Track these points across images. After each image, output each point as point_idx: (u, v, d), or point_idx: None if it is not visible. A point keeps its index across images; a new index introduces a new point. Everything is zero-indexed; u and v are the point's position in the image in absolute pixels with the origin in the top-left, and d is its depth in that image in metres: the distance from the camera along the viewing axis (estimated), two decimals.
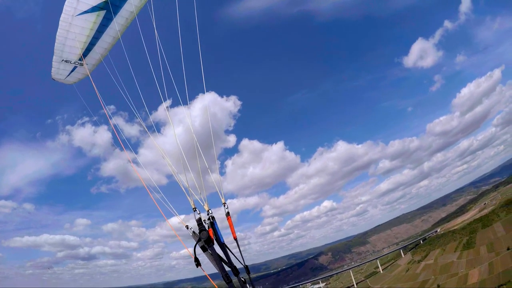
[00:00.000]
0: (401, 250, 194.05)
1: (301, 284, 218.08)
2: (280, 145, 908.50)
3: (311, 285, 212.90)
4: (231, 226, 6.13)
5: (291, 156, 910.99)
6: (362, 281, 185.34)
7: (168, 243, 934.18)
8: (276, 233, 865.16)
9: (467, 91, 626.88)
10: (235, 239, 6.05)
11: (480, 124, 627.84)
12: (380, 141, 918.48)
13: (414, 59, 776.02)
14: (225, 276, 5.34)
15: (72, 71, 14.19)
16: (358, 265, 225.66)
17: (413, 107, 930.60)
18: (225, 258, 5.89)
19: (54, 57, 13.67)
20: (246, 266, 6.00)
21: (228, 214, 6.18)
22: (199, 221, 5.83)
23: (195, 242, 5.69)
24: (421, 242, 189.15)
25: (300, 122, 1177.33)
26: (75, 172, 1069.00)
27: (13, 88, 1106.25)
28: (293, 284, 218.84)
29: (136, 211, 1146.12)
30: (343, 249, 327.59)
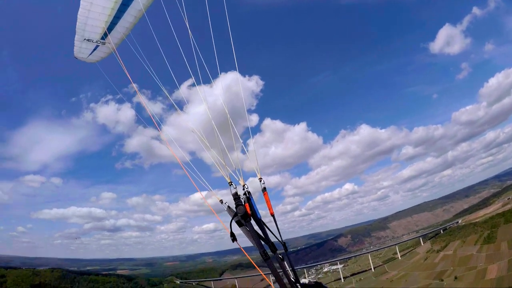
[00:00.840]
0: (421, 238, 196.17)
1: (319, 264, 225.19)
2: (302, 125, 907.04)
3: (329, 266, 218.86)
4: (267, 201, 6.01)
5: (313, 137, 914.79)
6: (379, 265, 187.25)
7: (191, 218, 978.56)
8: (296, 213, 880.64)
9: (495, 81, 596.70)
10: (272, 215, 5.94)
11: (508, 117, 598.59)
12: (404, 127, 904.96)
13: (440, 45, 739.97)
14: (263, 253, 5.14)
15: (94, 49, 14.56)
16: (376, 250, 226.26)
17: (439, 94, 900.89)
18: (261, 234, 5.78)
19: (76, 36, 14.08)
20: (284, 242, 5.85)
21: (264, 189, 6.07)
22: (235, 196, 5.69)
23: (231, 217, 5.60)
24: (441, 232, 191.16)
25: (323, 104, 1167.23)
26: (100, 148, 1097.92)
27: (37, 67, 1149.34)
28: (311, 263, 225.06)
29: (159, 186, 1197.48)
30: (362, 233, 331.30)
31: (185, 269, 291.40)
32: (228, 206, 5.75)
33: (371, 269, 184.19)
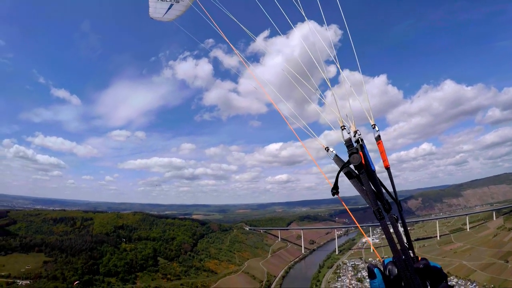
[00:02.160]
0: (494, 212, 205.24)
1: None
2: (382, 78, 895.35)
3: None
4: (382, 152, 5.24)
5: (393, 91, 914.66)
6: (446, 234, 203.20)
7: (265, 168, 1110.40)
8: None
9: None
10: (387, 168, 5.23)
11: None
12: (493, 86, 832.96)
13: None
14: (377, 211, 4.43)
15: (169, 8, 16.05)
16: (445, 217, 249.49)
17: None
18: (374, 189, 4.73)
19: None
20: (399, 201, 5.01)
21: (379, 137, 5.28)
22: (348, 142, 4.93)
23: (340, 167, 4.87)
24: None
25: (405, 55, 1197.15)
26: (180, 103, 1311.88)
27: (116, 33, 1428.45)
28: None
29: (236, 137, 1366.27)
30: (434, 197, 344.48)
31: (255, 217, 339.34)
32: (336, 155, 5.09)
33: (436, 236, 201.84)
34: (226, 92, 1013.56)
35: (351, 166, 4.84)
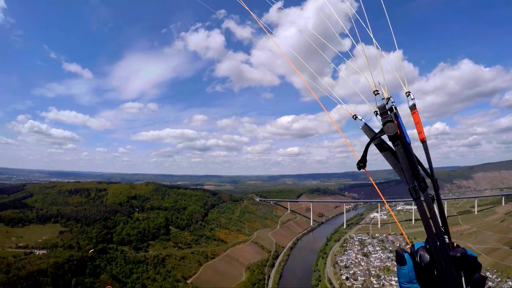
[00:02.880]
0: (503, 197, 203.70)
1: (394, 201, 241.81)
2: (398, 53, 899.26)
3: (403, 205, 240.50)
4: (418, 123, 4.15)
5: (409, 67, 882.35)
6: (453, 215, 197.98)
7: (276, 140, 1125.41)
8: None
9: None
10: (423, 141, 4.17)
11: None
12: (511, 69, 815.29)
13: None
14: (413, 189, 3.46)
15: None
16: (454, 198, 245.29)
17: None
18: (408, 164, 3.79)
19: None
20: (436, 180, 3.92)
21: (414, 106, 4.27)
22: (382, 109, 4.09)
23: (370, 138, 4.10)
24: None
25: (423, 31, 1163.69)
26: (192, 74, 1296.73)
27: (127, 3, 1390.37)
28: (386, 199, 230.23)
29: (248, 108, 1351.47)
30: (444, 178, 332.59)
31: (265, 189, 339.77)
32: (366, 124, 4.22)
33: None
34: (238, 63, 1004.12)
35: (383, 137, 4.08)
